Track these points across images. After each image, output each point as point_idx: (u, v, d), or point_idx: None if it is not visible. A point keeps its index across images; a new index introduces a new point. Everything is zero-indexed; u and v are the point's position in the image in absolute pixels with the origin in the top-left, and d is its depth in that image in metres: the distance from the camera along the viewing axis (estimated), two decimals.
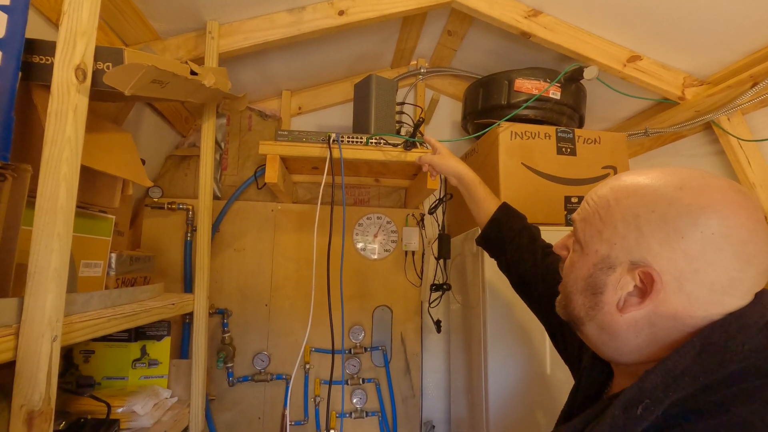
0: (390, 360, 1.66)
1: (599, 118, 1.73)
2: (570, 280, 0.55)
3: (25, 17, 0.54)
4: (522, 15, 1.32)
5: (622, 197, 0.51)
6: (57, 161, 0.53)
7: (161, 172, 1.65)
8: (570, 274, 0.55)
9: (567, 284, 0.56)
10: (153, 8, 1.13)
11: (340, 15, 1.27)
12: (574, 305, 0.54)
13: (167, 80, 0.71)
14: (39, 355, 0.50)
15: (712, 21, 1.14)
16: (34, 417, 0.49)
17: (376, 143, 1.31)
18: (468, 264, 1.36)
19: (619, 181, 0.53)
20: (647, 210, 0.48)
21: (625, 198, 0.50)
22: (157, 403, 0.99)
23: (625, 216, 0.49)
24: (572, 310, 0.55)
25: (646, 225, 0.48)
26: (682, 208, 0.46)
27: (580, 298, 0.53)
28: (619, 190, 0.51)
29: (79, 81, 0.55)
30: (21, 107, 0.56)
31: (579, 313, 0.54)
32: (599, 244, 0.51)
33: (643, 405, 0.44)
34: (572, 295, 0.55)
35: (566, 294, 0.56)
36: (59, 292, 0.53)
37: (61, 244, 0.53)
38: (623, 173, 0.55)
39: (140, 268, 1.07)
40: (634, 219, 0.49)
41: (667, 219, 0.46)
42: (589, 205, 0.54)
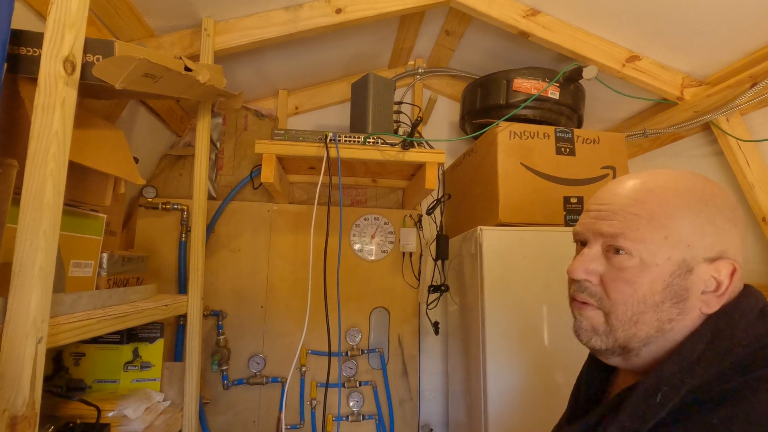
0: (387, 362, 1.64)
1: (598, 119, 1.73)
2: (635, 300, 0.50)
3: (11, 7, 0.52)
4: (520, 14, 1.31)
5: (669, 198, 0.49)
6: (43, 156, 0.51)
7: (156, 171, 1.63)
8: (634, 294, 0.50)
9: (629, 306, 0.50)
10: (148, 4, 1.11)
11: (338, 13, 1.26)
12: (642, 325, 0.50)
13: (160, 75, 0.69)
14: (23, 357, 0.48)
15: (710, 21, 1.13)
16: (17, 422, 0.47)
17: (374, 143, 1.29)
18: (466, 265, 1.35)
19: (648, 186, 0.51)
20: (705, 205, 0.49)
21: (675, 198, 0.49)
22: (149, 407, 0.97)
23: (690, 215, 0.49)
24: (636, 332, 0.50)
25: (719, 219, 0.49)
26: (723, 200, 0.50)
27: (656, 313, 0.49)
28: (661, 194, 0.50)
29: (68, 73, 0.54)
30: (7, 101, 0.54)
31: (648, 332, 0.50)
32: (670, 250, 0.48)
33: (662, 393, 0.45)
34: (641, 315, 0.49)
35: (626, 319, 0.50)
36: (45, 292, 0.51)
37: (47, 242, 0.51)
38: (632, 180, 0.53)
39: (133, 269, 1.05)
40: (701, 216, 0.49)
41: (724, 210, 0.49)
42: (628, 217, 0.50)
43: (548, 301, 1.20)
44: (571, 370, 1.16)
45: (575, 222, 1.29)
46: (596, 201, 0.55)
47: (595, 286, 0.53)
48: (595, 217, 0.54)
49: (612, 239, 0.51)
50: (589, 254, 0.53)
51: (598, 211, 0.54)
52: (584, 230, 0.55)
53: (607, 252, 0.52)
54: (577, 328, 0.56)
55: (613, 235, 0.51)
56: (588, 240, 0.54)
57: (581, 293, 0.54)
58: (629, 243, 0.49)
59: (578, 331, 0.55)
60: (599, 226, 0.52)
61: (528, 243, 1.22)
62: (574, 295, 0.55)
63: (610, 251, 0.51)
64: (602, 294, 0.52)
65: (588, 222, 0.55)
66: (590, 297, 0.53)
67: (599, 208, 0.54)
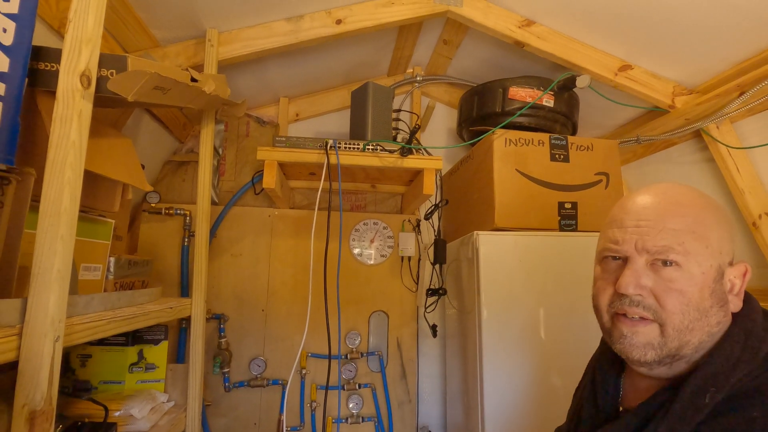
0: (386, 365, 1.67)
1: (593, 125, 1.76)
2: (690, 308, 0.52)
3: (32, 25, 0.56)
4: (516, 25, 1.35)
5: (700, 211, 0.54)
6: (61, 165, 0.54)
7: (159, 177, 1.66)
8: (689, 303, 0.52)
9: (685, 315, 0.52)
10: (154, 16, 1.15)
11: (338, 24, 1.30)
12: (697, 332, 0.52)
13: (169, 87, 0.73)
14: (42, 355, 0.51)
15: (700, 32, 1.17)
16: (36, 416, 0.50)
17: (373, 149, 1.32)
18: (464, 269, 1.38)
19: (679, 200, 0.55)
20: (722, 214, 0.56)
21: (704, 211, 0.55)
22: (154, 407, 0.99)
23: (717, 224, 0.54)
24: (690, 339, 0.52)
25: (730, 226, 0.56)
26: (726, 210, 0.58)
27: (706, 318, 0.52)
28: (692, 207, 0.55)
29: (84, 87, 0.57)
30: (25, 112, 0.58)
31: (700, 337, 0.53)
32: (711, 258, 0.53)
33: (710, 393, 0.48)
34: (696, 322, 0.52)
35: (683, 328, 0.52)
36: (62, 294, 0.54)
37: (64, 247, 0.54)
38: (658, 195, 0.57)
39: (138, 272, 1.08)
40: (723, 225, 0.55)
41: (730, 219, 0.56)
42: (671, 232, 0.53)
43: (544, 304, 1.22)
44: (567, 372, 1.19)
45: (570, 227, 1.32)
46: (632, 217, 0.57)
47: (648, 298, 0.54)
48: (636, 234, 0.55)
49: (661, 254, 0.53)
50: (638, 269, 0.55)
51: (638, 227, 0.55)
52: (627, 247, 0.56)
53: (653, 265, 0.54)
54: (628, 345, 0.55)
55: (662, 250, 0.53)
56: (630, 256, 0.56)
57: (635, 308, 0.54)
58: (679, 256, 0.52)
59: (630, 348, 0.55)
60: (644, 242, 0.54)
61: (523, 247, 1.25)
62: (624, 311, 0.55)
63: (657, 264, 0.54)
64: (657, 306, 0.53)
65: (629, 238, 0.56)
66: (646, 310, 0.54)
67: (638, 224, 0.56)
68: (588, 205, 1.35)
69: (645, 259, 0.54)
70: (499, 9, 1.34)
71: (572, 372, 1.19)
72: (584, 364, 1.18)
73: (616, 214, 0.60)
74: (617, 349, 0.57)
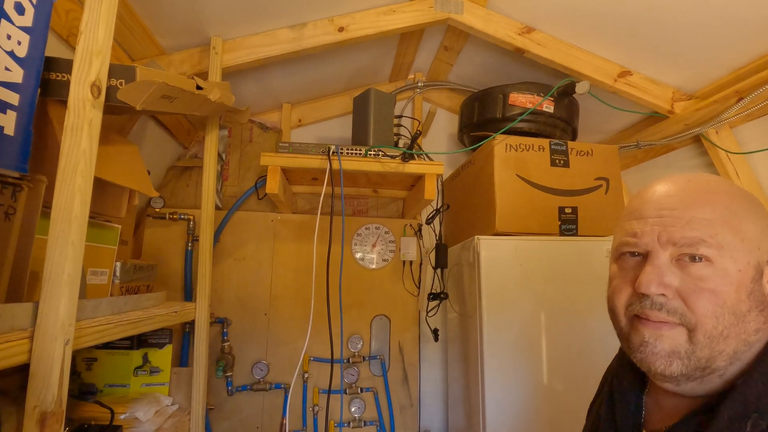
0: (388, 369, 1.67)
1: (593, 130, 1.78)
2: (725, 311, 0.44)
3: (45, 37, 0.58)
4: (516, 32, 1.37)
5: (732, 200, 0.47)
6: (72, 173, 0.56)
7: (163, 182, 1.68)
8: (723, 305, 0.44)
9: (719, 320, 0.44)
10: (160, 25, 1.17)
11: (340, 31, 1.32)
12: (731, 340, 0.44)
13: (176, 95, 0.74)
14: (52, 357, 0.53)
15: (698, 38, 1.19)
16: (47, 418, 0.51)
17: (375, 155, 1.34)
18: (465, 273, 1.39)
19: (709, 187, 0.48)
20: (758, 206, 0.48)
21: (737, 200, 0.47)
22: (159, 410, 1.00)
23: (753, 216, 0.46)
24: (724, 348, 0.45)
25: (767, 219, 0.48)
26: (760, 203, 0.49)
27: (743, 324, 0.44)
28: (724, 195, 0.47)
29: (94, 97, 0.58)
30: (37, 121, 0.59)
31: (736, 346, 0.45)
32: (748, 254, 0.45)
33: (752, 420, 0.40)
34: (731, 328, 0.44)
35: (716, 334, 0.44)
36: (72, 298, 0.55)
37: (74, 252, 0.55)
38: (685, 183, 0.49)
39: (143, 277, 1.09)
40: (759, 217, 0.47)
41: (766, 211, 0.49)
42: (702, 222, 0.46)
43: (545, 308, 1.23)
44: (568, 376, 1.20)
45: (570, 232, 1.33)
46: (653, 206, 0.49)
47: (673, 300, 0.46)
48: (659, 225, 0.47)
49: (690, 247, 0.45)
50: (661, 265, 0.47)
51: (661, 217, 0.48)
52: (647, 239, 0.48)
53: (679, 261, 0.47)
54: (650, 354, 0.47)
55: (692, 242, 0.45)
56: (651, 250, 0.48)
57: (657, 311, 0.46)
58: (711, 250, 0.45)
59: (651, 358, 0.47)
60: (670, 233, 0.46)
61: (524, 252, 1.26)
62: (645, 314, 0.47)
63: (683, 260, 0.46)
64: (684, 309, 0.45)
65: (650, 230, 0.48)
66: (670, 314, 0.46)
67: (661, 214, 0.48)
68: (588, 209, 1.36)
69: (670, 254, 0.47)
70: (499, 16, 1.36)
71: (574, 376, 1.20)
72: (585, 369, 1.20)
73: (633, 205, 0.52)
74: (637, 359, 0.49)
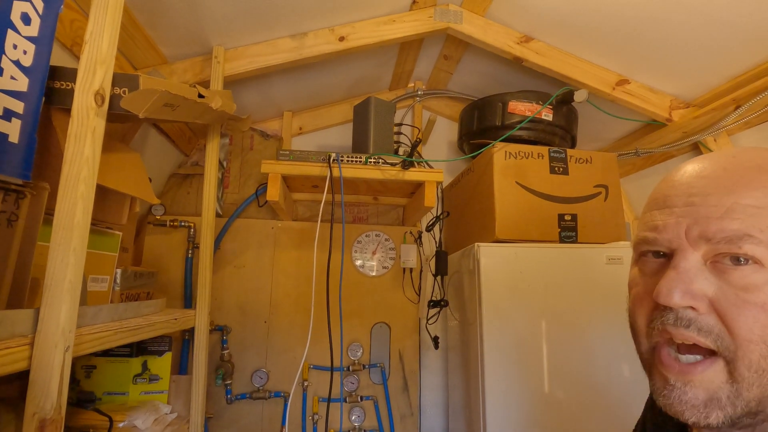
0: (388, 377, 1.67)
1: (592, 138, 1.79)
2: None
3: (50, 47, 0.58)
4: (514, 41, 1.38)
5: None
6: (75, 180, 0.56)
7: (164, 190, 1.69)
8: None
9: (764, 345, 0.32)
10: (163, 34, 1.18)
11: (341, 41, 1.33)
12: None
13: (178, 104, 0.75)
14: (52, 364, 0.53)
15: (695, 47, 1.20)
16: (46, 425, 0.51)
17: (375, 162, 1.35)
18: (465, 280, 1.39)
19: (757, 162, 0.35)
20: None
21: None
22: (158, 419, 1.00)
23: None
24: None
25: None
26: None
27: None
28: None
29: (98, 105, 0.59)
30: (40, 128, 0.60)
31: None
32: None
33: None
34: None
35: (765, 367, 0.33)
36: (73, 305, 0.55)
37: (76, 259, 0.56)
38: (726, 159, 0.37)
39: (143, 284, 1.09)
40: None
41: None
42: (747, 209, 0.33)
43: (546, 315, 1.23)
44: (569, 384, 1.19)
45: (570, 239, 1.33)
46: (681, 191, 0.37)
47: (707, 316, 0.34)
48: (688, 215, 0.35)
49: (729, 244, 0.33)
50: (688, 268, 0.35)
51: (690, 205, 0.35)
52: (671, 234, 0.36)
53: (715, 264, 0.35)
54: (675, 402, 0.35)
55: (732, 238, 0.33)
56: (677, 248, 0.36)
57: (684, 329, 0.35)
58: (760, 248, 0.32)
59: (679, 407, 0.35)
60: (703, 226, 0.34)
61: (524, 259, 1.26)
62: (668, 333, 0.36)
63: (722, 262, 0.34)
64: (721, 329, 0.34)
65: (675, 222, 0.36)
66: (702, 334, 0.34)
67: (692, 201, 0.35)
68: (587, 217, 1.36)
69: (702, 254, 0.35)
70: (498, 26, 1.37)
71: (574, 384, 1.20)
72: (587, 377, 1.19)
73: (659, 190, 0.40)
74: (661, 404, 0.37)
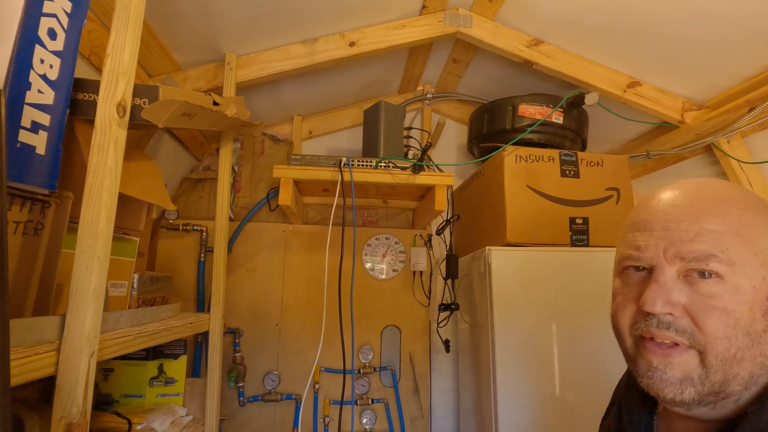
0: (399, 380, 1.67)
1: (603, 140, 1.78)
2: (738, 332, 0.41)
3: (74, 60, 0.60)
4: (524, 44, 1.38)
5: (745, 210, 0.44)
6: (98, 190, 0.58)
7: (176, 194, 1.71)
8: (735, 325, 0.41)
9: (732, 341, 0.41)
10: (177, 42, 1.20)
11: (351, 46, 1.34)
12: (747, 363, 0.42)
13: (195, 112, 0.77)
14: (78, 369, 0.54)
15: (707, 49, 1.19)
16: (73, 429, 0.53)
17: (385, 167, 1.36)
18: (476, 284, 1.39)
19: (718, 195, 0.45)
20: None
21: (749, 210, 0.44)
22: (174, 421, 1.02)
23: (765, 229, 0.43)
24: (739, 372, 0.42)
25: None
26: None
27: (759, 347, 0.42)
28: (735, 205, 0.44)
29: (120, 116, 0.61)
30: (64, 140, 0.61)
31: (752, 370, 0.42)
32: (763, 269, 0.42)
33: None
34: (746, 350, 0.41)
35: (729, 356, 0.41)
36: (97, 311, 0.57)
37: (100, 266, 0.57)
38: (692, 190, 0.46)
39: (159, 288, 1.11)
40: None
41: None
42: (711, 234, 0.43)
43: (557, 319, 1.23)
44: (581, 387, 1.19)
45: (581, 242, 1.33)
46: (659, 218, 0.46)
47: (682, 319, 0.43)
48: (665, 238, 0.45)
49: (699, 262, 0.42)
50: (666, 281, 0.44)
51: (667, 229, 0.45)
52: (652, 254, 0.45)
53: (687, 277, 0.44)
54: (658, 381, 0.44)
55: (701, 257, 0.42)
56: (657, 265, 0.45)
57: (665, 331, 0.44)
58: (722, 265, 0.42)
59: (660, 384, 0.44)
60: (678, 247, 0.43)
61: (535, 262, 1.26)
62: (652, 334, 0.45)
63: (692, 276, 0.43)
64: (693, 329, 0.43)
65: (655, 243, 0.45)
66: (680, 334, 0.43)
67: (668, 227, 0.45)
68: (599, 220, 1.36)
69: (677, 269, 0.44)
70: (507, 29, 1.38)
71: (586, 388, 1.19)
72: (598, 380, 1.19)
73: (638, 214, 0.49)
74: (644, 384, 0.46)
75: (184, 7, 1.09)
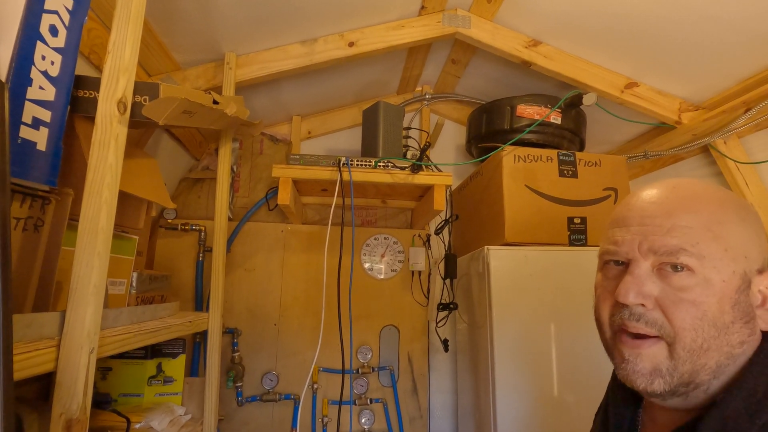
0: (397, 380, 1.67)
1: (601, 141, 1.79)
2: (705, 324, 0.43)
3: (75, 57, 0.60)
4: (522, 45, 1.39)
5: (718, 207, 0.45)
6: (99, 186, 0.58)
7: (175, 194, 1.71)
8: (703, 317, 0.43)
9: (699, 332, 0.43)
10: (176, 41, 1.20)
11: (350, 46, 1.35)
12: (713, 353, 0.43)
13: (195, 110, 0.77)
14: (78, 366, 0.54)
15: (704, 50, 1.20)
16: (72, 425, 0.53)
17: (384, 166, 1.36)
18: (474, 284, 1.39)
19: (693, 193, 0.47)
20: (746, 212, 0.46)
21: (722, 207, 0.45)
22: (173, 420, 1.01)
23: (739, 222, 0.45)
24: (706, 362, 0.43)
25: (757, 226, 0.46)
26: (751, 207, 0.48)
27: (726, 337, 0.43)
28: (708, 201, 0.46)
29: (121, 113, 0.61)
30: (65, 136, 0.62)
31: (718, 360, 0.43)
32: (733, 263, 0.44)
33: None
34: (712, 341, 0.43)
35: (695, 347, 0.43)
36: (97, 307, 0.57)
37: (100, 263, 0.57)
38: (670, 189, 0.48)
39: (158, 287, 1.11)
40: (746, 224, 0.45)
41: (757, 218, 0.48)
42: (683, 229, 0.44)
43: (555, 318, 1.23)
44: (579, 387, 1.19)
45: (579, 242, 1.34)
46: (636, 214, 0.48)
47: (653, 311, 0.45)
48: (640, 233, 0.47)
49: (670, 256, 0.44)
50: (640, 274, 0.46)
51: (642, 225, 0.47)
52: (628, 248, 0.47)
53: (660, 270, 0.46)
54: (630, 372, 0.46)
55: (672, 251, 0.44)
56: (632, 258, 0.47)
57: (635, 322, 0.46)
58: (692, 259, 0.43)
59: (632, 376, 0.46)
60: (651, 241, 0.45)
61: (533, 262, 1.27)
62: (625, 326, 0.47)
63: (665, 269, 0.45)
64: (663, 321, 0.44)
65: (631, 238, 0.47)
66: (649, 326, 0.45)
67: (643, 222, 0.47)
68: (597, 220, 1.36)
69: (651, 263, 0.46)
70: (506, 30, 1.38)
71: (584, 387, 1.20)
72: (597, 379, 1.19)
73: (619, 211, 0.51)
74: (620, 375, 0.48)
75: (184, 6, 1.09)
